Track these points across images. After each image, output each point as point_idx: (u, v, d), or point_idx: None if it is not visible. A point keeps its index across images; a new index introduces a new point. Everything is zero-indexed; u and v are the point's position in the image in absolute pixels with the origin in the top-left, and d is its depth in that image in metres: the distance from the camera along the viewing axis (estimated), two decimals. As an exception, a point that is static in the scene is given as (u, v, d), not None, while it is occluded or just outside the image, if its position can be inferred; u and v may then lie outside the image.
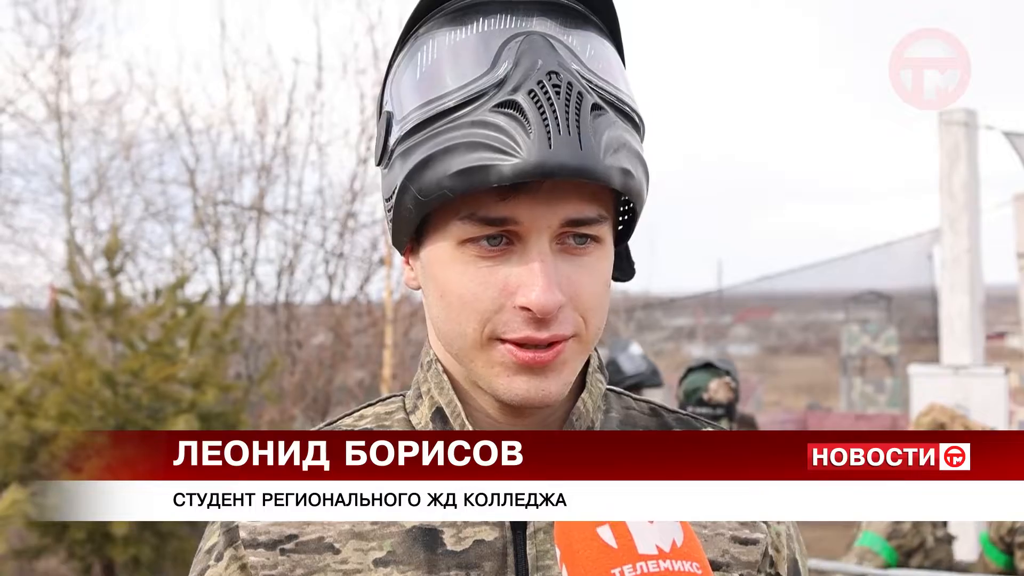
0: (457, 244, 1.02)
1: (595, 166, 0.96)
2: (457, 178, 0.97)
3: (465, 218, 1.00)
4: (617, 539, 0.90)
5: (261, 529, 1.09)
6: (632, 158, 1.01)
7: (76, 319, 7.72)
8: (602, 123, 0.98)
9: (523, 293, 0.99)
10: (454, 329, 1.04)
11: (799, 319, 29.65)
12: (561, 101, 0.96)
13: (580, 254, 1.02)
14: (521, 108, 0.96)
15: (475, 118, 0.97)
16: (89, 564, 7.56)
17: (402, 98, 1.04)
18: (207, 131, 11.70)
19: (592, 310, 1.04)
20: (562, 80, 0.97)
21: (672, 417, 1.22)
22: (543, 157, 0.94)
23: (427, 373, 1.15)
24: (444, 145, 0.97)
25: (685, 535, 0.92)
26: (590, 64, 1.01)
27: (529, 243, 1.00)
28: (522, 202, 0.99)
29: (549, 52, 0.99)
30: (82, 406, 7.05)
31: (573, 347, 1.03)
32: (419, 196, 1.00)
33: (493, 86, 0.97)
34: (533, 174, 0.95)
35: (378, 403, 1.20)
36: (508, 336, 1.01)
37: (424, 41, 1.03)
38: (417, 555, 1.07)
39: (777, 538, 1.18)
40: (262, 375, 8.73)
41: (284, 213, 11.44)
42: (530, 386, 1.02)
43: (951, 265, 11.32)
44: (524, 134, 0.95)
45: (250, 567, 1.09)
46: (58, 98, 12.11)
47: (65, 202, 11.98)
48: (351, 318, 11.14)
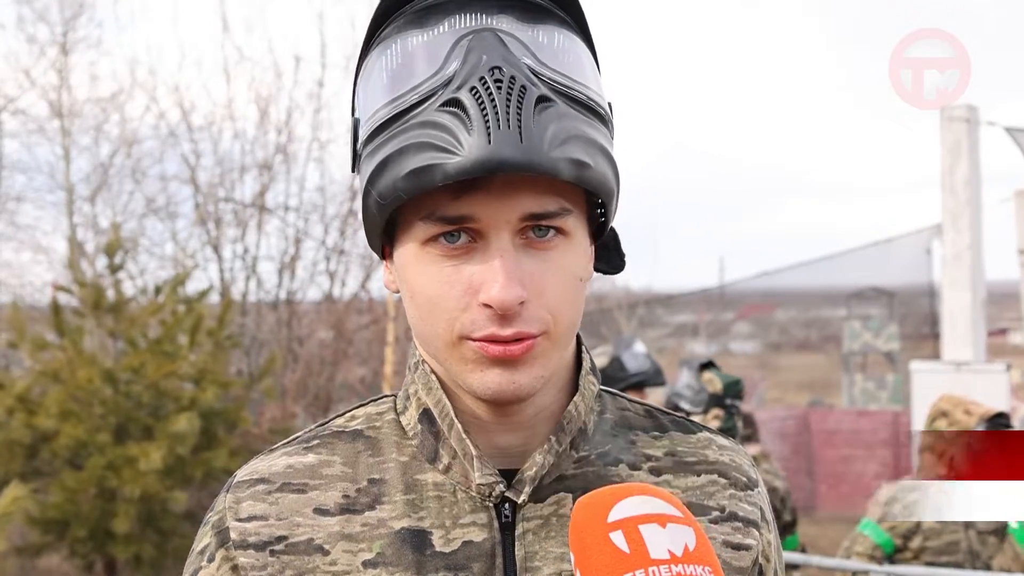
0: (421, 244, 1.02)
1: (538, 159, 0.95)
2: (408, 179, 0.97)
3: (425, 218, 1.00)
4: (630, 544, 0.89)
5: (251, 530, 1.09)
6: (588, 148, 0.99)
7: (77, 316, 7.72)
8: (549, 115, 0.97)
9: (484, 290, 0.99)
10: (427, 329, 1.05)
11: (801, 316, 29.66)
12: (503, 95, 0.95)
13: (544, 248, 1.02)
14: (463, 105, 0.96)
15: (423, 118, 0.97)
16: (91, 561, 7.58)
17: (366, 103, 1.04)
18: (208, 128, 11.71)
19: (559, 306, 1.03)
20: (504, 75, 0.96)
21: (667, 419, 1.22)
22: (483, 153, 0.94)
23: (414, 375, 1.14)
24: (398, 147, 0.98)
25: (698, 539, 0.91)
26: (544, 56, 1.00)
27: (490, 240, 1.00)
28: (477, 199, 0.98)
29: (496, 48, 0.98)
30: (83, 404, 7.06)
31: (543, 344, 1.02)
32: (379, 199, 1.00)
33: (441, 85, 0.97)
34: (474, 171, 0.94)
35: (369, 403, 1.20)
36: (475, 335, 1.01)
37: (387, 45, 1.03)
38: (406, 556, 1.06)
39: (768, 547, 1.18)
40: (262, 370, 8.74)
41: (285, 210, 11.45)
42: (502, 379, 1.02)
43: (953, 261, 11.32)
44: (465, 131, 0.95)
45: (240, 568, 1.08)
46: (60, 96, 12.12)
47: (66, 199, 11.99)
48: (352, 315, 11.15)
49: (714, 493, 1.15)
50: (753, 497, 1.18)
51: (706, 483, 1.16)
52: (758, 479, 1.21)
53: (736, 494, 1.16)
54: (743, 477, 1.18)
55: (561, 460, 1.11)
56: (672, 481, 1.14)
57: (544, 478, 1.09)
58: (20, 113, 12.25)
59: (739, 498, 1.16)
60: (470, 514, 1.08)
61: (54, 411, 6.97)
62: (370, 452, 1.13)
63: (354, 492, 1.10)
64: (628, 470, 1.14)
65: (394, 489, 1.10)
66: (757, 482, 1.20)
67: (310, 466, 1.13)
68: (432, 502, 1.09)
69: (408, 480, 1.10)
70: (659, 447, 1.17)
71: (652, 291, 25.49)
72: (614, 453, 1.14)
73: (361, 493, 1.10)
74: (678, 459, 1.17)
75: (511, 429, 1.10)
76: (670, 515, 0.92)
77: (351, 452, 1.14)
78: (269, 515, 1.10)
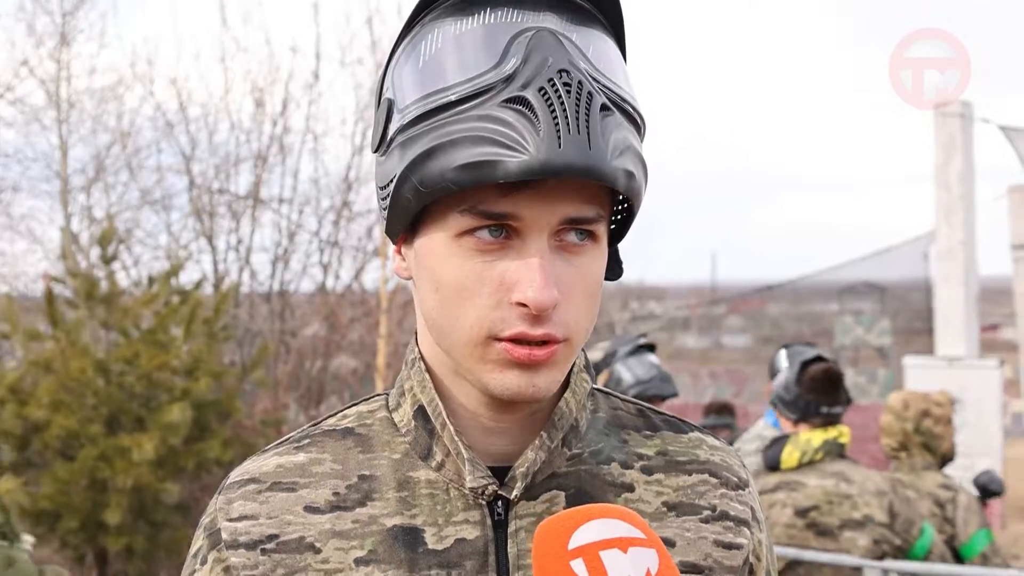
0: (454, 236, 1.01)
1: (603, 167, 0.95)
2: (462, 171, 0.95)
3: (465, 211, 0.99)
4: (590, 572, 0.89)
5: (242, 530, 1.09)
6: (635, 160, 1.00)
7: (70, 307, 7.71)
8: (610, 124, 0.97)
9: (520, 289, 0.98)
10: (450, 323, 1.03)
11: (793, 310, 29.70)
12: (572, 100, 0.95)
13: (576, 252, 1.02)
14: (531, 105, 0.95)
15: (482, 112, 0.96)
16: (82, 553, 7.57)
17: (404, 87, 1.02)
18: (204, 119, 11.68)
19: (583, 312, 1.03)
20: (572, 79, 0.96)
21: (659, 418, 1.22)
22: (551, 156, 0.93)
23: (410, 371, 1.14)
24: (449, 137, 0.96)
25: (661, 563, 0.91)
26: (596, 63, 1.00)
27: (528, 239, 0.99)
28: (524, 198, 0.98)
29: (559, 49, 0.97)
30: (75, 394, 7.05)
31: (564, 349, 1.03)
32: (420, 187, 0.99)
33: (501, 81, 0.96)
34: (540, 172, 0.94)
35: (361, 402, 1.20)
36: (504, 334, 1.00)
37: (429, 30, 1.02)
38: (398, 554, 1.06)
39: (759, 546, 1.18)
40: (254, 361, 8.73)
41: (279, 202, 11.43)
42: (521, 381, 1.01)
43: (946, 256, 11.35)
44: (533, 131, 0.94)
45: (232, 568, 1.08)
46: (57, 86, 12.08)
47: (62, 189, 11.96)
48: (345, 307, 11.14)
49: (705, 492, 1.15)
50: (744, 496, 1.18)
51: (697, 482, 1.16)
52: (748, 479, 1.21)
53: (727, 493, 1.17)
54: (734, 477, 1.19)
55: (553, 457, 1.10)
56: (663, 480, 1.14)
57: (537, 475, 1.09)
58: (18, 102, 12.22)
59: (730, 497, 1.16)
60: (463, 512, 1.08)
61: (46, 401, 6.96)
62: (360, 449, 1.13)
63: (344, 489, 1.10)
64: (620, 469, 1.14)
65: (386, 486, 1.10)
66: (748, 482, 1.20)
67: (300, 465, 1.12)
68: (425, 499, 1.09)
69: (400, 477, 1.10)
70: (651, 446, 1.17)
71: (645, 284, 25.51)
72: (607, 451, 1.14)
73: (351, 490, 1.10)
74: (669, 458, 1.17)
75: (509, 428, 1.10)
76: (632, 538, 0.92)
77: (341, 449, 1.13)
78: (259, 514, 1.09)
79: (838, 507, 3.67)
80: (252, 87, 11.45)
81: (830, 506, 3.67)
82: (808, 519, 3.67)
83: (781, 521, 3.69)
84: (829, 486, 3.69)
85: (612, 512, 0.94)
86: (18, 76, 12.10)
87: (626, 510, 0.95)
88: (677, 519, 1.13)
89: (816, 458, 3.75)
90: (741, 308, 27.51)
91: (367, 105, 11.17)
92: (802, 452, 3.77)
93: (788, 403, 3.95)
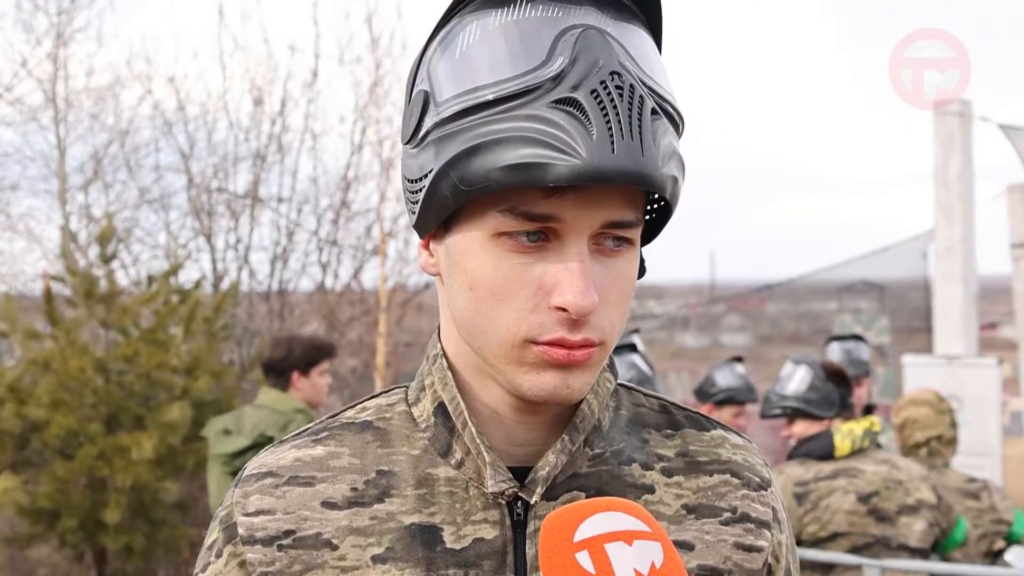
0: (492, 236, 0.99)
1: (654, 174, 0.94)
2: (508, 172, 0.93)
3: (505, 211, 0.97)
4: (595, 564, 0.89)
5: (258, 525, 1.08)
6: (679, 165, 1.00)
7: (69, 306, 7.69)
8: (659, 129, 0.96)
9: (559, 293, 0.97)
10: (484, 323, 1.01)
11: (791, 308, 29.69)
12: (624, 104, 0.93)
13: (613, 256, 1.01)
14: (582, 107, 0.93)
15: (530, 112, 0.94)
16: (81, 552, 7.56)
17: (440, 80, 1.00)
18: (202, 118, 11.67)
19: (617, 315, 1.02)
20: (624, 82, 0.94)
21: (682, 415, 1.21)
22: (604, 161, 0.91)
23: (432, 366, 1.12)
24: (494, 136, 0.94)
25: (665, 556, 0.91)
26: (642, 64, 0.99)
27: (568, 242, 0.98)
28: (567, 201, 0.96)
29: (607, 50, 0.96)
30: (74, 393, 7.03)
31: (599, 353, 1.02)
32: (460, 185, 0.96)
33: (549, 80, 0.94)
34: (592, 177, 0.92)
35: (380, 395, 1.18)
36: (542, 339, 0.99)
37: (468, 23, 1.00)
38: (416, 552, 1.05)
39: (779, 547, 1.17)
40: (254, 360, 8.72)
41: (278, 201, 11.41)
42: (557, 382, 1.00)
43: (945, 255, 11.35)
44: (586, 134, 0.92)
45: (248, 564, 1.07)
46: (54, 85, 12.07)
47: (60, 188, 11.95)
48: (344, 306, 11.13)
49: (726, 494, 1.14)
50: (766, 497, 1.17)
51: (718, 483, 1.15)
52: (771, 479, 1.20)
53: (749, 494, 1.15)
54: (756, 477, 1.17)
55: (575, 458, 1.10)
56: (683, 483, 1.13)
57: (557, 476, 1.08)
58: (16, 102, 12.20)
59: (752, 499, 1.15)
60: (482, 511, 1.07)
61: (45, 400, 6.94)
62: (379, 443, 1.12)
63: (362, 484, 1.09)
64: (641, 470, 1.13)
65: (404, 483, 1.09)
66: (770, 482, 1.19)
67: (318, 458, 1.11)
68: (444, 498, 1.08)
69: (419, 474, 1.09)
70: (671, 447, 1.16)
71: (643, 283, 25.47)
72: (628, 452, 1.13)
73: (369, 485, 1.09)
74: (690, 459, 1.15)
75: (532, 428, 1.09)
76: (637, 531, 0.92)
77: (359, 443, 1.12)
78: (276, 509, 1.08)
79: (894, 492, 3.73)
80: (251, 86, 11.42)
81: (888, 491, 3.73)
82: (870, 504, 3.72)
83: (843, 508, 3.73)
84: (884, 472, 3.75)
85: (617, 505, 0.94)
86: (16, 76, 12.09)
87: (632, 504, 0.95)
88: (697, 522, 1.12)
89: (864, 445, 3.81)
90: (740, 307, 27.49)
91: (366, 104, 11.17)
92: (852, 440, 3.82)
93: (819, 402, 4.01)
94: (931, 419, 4.31)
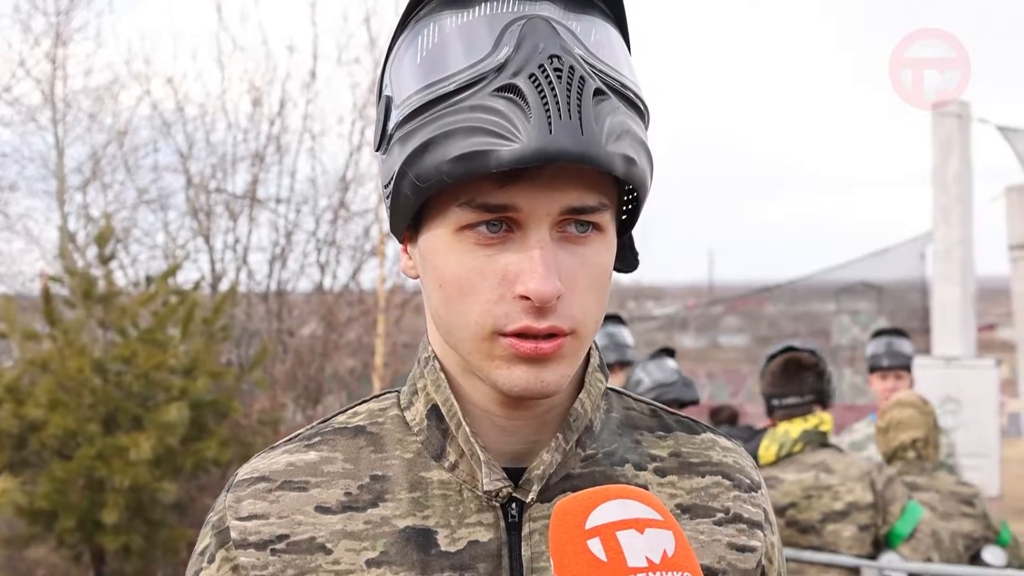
0: (455, 231, 0.99)
1: (597, 152, 0.94)
2: (456, 163, 0.94)
3: (464, 204, 0.98)
4: (607, 552, 0.88)
5: (251, 529, 1.07)
6: (635, 145, 0.99)
7: (67, 306, 7.69)
8: (605, 108, 0.96)
9: (522, 281, 0.97)
10: (454, 320, 1.02)
11: (790, 309, 29.70)
12: (563, 85, 0.93)
13: (580, 243, 1.00)
14: (521, 92, 0.93)
15: (474, 102, 0.94)
16: (79, 552, 7.55)
17: (402, 82, 1.01)
18: (201, 118, 11.67)
19: (589, 303, 1.01)
20: (563, 64, 0.94)
21: (672, 419, 1.21)
22: (543, 142, 0.92)
23: (424, 369, 1.12)
24: (443, 130, 0.95)
25: (677, 544, 0.90)
26: (594, 49, 0.99)
27: (529, 231, 0.98)
28: (522, 188, 0.96)
29: (551, 36, 0.96)
30: (72, 393, 7.03)
31: (571, 343, 1.01)
32: (417, 182, 0.97)
33: (493, 70, 0.95)
34: (533, 159, 0.92)
35: (372, 399, 1.18)
36: (508, 328, 0.98)
37: (425, 24, 1.01)
38: (410, 556, 1.05)
39: (771, 549, 1.17)
40: (253, 361, 8.72)
41: (277, 202, 11.42)
42: (529, 376, 1.00)
43: (943, 256, 11.36)
44: (524, 118, 0.93)
45: (241, 568, 1.07)
46: (53, 85, 12.07)
47: (58, 189, 11.94)
48: (343, 307, 11.13)
49: (718, 495, 1.14)
50: (757, 499, 1.17)
51: (710, 484, 1.15)
52: (760, 481, 1.20)
53: (740, 496, 1.15)
54: (746, 479, 1.17)
55: (568, 459, 1.09)
56: (676, 482, 1.13)
57: (551, 477, 1.08)
58: (15, 102, 12.20)
59: (743, 500, 1.15)
60: (476, 513, 1.07)
61: (43, 401, 6.94)
62: (372, 448, 1.11)
63: (356, 489, 1.09)
64: (634, 470, 1.13)
65: (398, 486, 1.08)
66: (760, 484, 1.19)
67: (311, 463, 1.11)
68: (437, 500, 1.07)
69: (413, 477, 1.09)
70: (664, 447, 1.16)
71: (641, 284, 25.50)
72: (620, 452, 1.13)
73: (363, 490, 1.08)
74: (683, 460, 1.15)
75: (522, 426, 1.08)
76: (649, 519, 0.91)
77: (353, 448, 1.12)
78: (270, 514, 1.08)
79: (818, 500, 3.59)
80: (249, 86, 11.44)
81: (808, 501, 3.59)
82: (787, 517, 3.61)
83: None
84: (808, 480, 3.60)
85: (630, 493, 0.93)
86: (14, 76, 12.09)
87: (644, 492, 0.94)
88: (691, 521, 1.12)
89: (795, 450, 3.68)
90: (738, 308, 27.49)
91: (365, 104, 11.17)
92: (779, 445, 3.70)
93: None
94: (916, 420, 4.25)
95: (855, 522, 3.56)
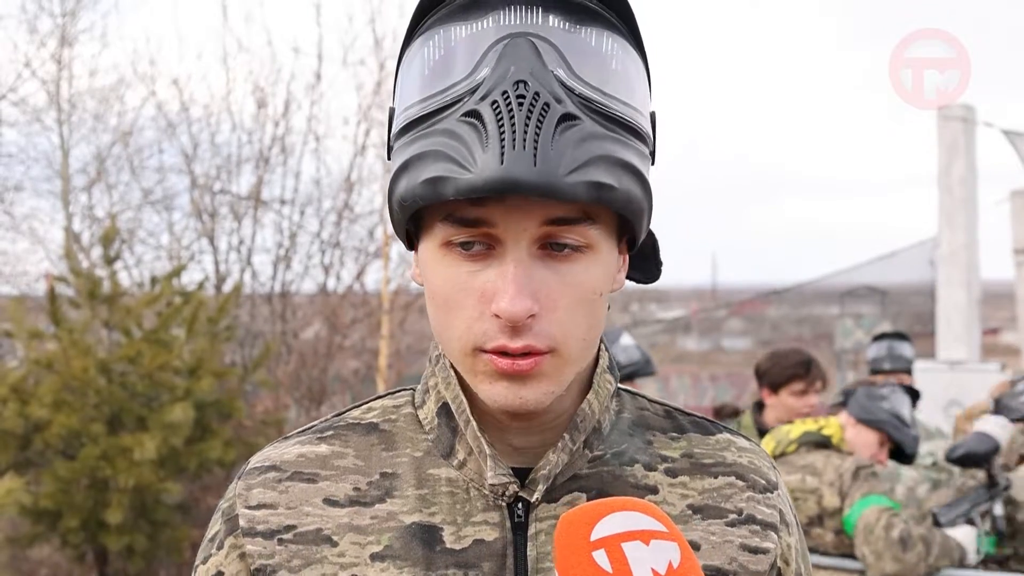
0: (441, 246, 1.00)
1: (552, 182, 0.91)
2: (423, 187, 0.95)
3: (446, 219, 0.98)
4: (612, 563, 0.89)
5: (260, 518, 1.09)
6: (613, 169, 0.95)
7: (72, 307, 7.70)
8: (572, 135, 0.93)
9: (496, 300, 0.97)
10: (443, 332, 1.03)
11: (793, 313, 29.67)
12: (523, 113, 0.91)
13: (563, 261, 0.99)
14: (482, 118, 0.93)
15: (445, 126, 0.94)
16: (83, 552, 7.56)
17: (402, 93, 1.01)
18: (206, 119, 11.68)
19: (570, 323, 1.00)
20: (528, 90, 0.92)
21: (687, 420, 1.21)
22: (493, 174, 0.91)
23: (435, 367, 1.13)
24: (420, 151, 0.95)
25: (682, 556, 0.91)
26: (581, 66, 0.96)
27: (507, 248, 0.97)
28: (497, 207, 0.96)
29: (528, 58, 0.94)
30: (77, 394, 7.04)
31: (552, 361, 1.00)
32: (400, 200, 0.99)
33: (468, 91, 0.94)
34: (483, 190, 0.91)
35: (387, 396, 1.19)
36: (487, 346, 0.99)
37: (430, 36, 1.00)
38: (415, 551, 1.06)
39: (787, 550, 1.16)
40: (256, 362, 8.72)
41: (281, 203, 11.41)
42: (508, 393, 1.00)
43: (948, 260, 11.35)
44: (480, 147, 0.92)
45: (248, 555, 1.08)
46: (58, 86, 12.08)
47: (63, 189, 11.96)
48: (347, 308, 11.12)
49: (731, 496, 1.14)
50: (772, 499, 1.17)
51: (723, 485, 1.14)
52: (778, 481, 1.19)
53: (754, 496, 1.15)
54: (761, 479, 1.17)
55: (575, 459, 1.10)
56: (688, 483, 1.13)
57: (558, 478, 1.08)
58: (20, 103, 12.21)
59: (757, 500, 1.15)
60: (482, 512, 1.08)
61: (47, 401, 6.94)
62: (384, 446, 1.12)
63: (365, 485, 1.10)
64: (643, 471, 1.13)
65: (406, 483, 1.09)
66: (777, 484, 1.19)
67: (322, 456, 1.12)
68: (444, 498, 1.08)
69: (421, 475, 1.09)
70: (676, 448, 1.16)
71: (645, 287, 25.45)
72: (630, 453, 1.13)
73: (372, 487, 1.09)
74: (695, 460, 1.15)
75: (528, 431, 1.09)
76: (654, 531, 0.92)
77: (365, 445, 1.13)
78: (278, 503, 1.09)
79: (803, 503, 3.57)
80: (254, 87, 11.43)
81: (795, 503, 3.55)
82: None
83: None
84: (794, 482, 3.58)
85: (634, 505, 0.94)
86: (20, 77, 12.10)
87: (648, 504, 0.95)
88: (702, 522, 1.12)
89: (789, 451, 3.67)
90: (742, 311, 27.48)
91: (369, 106, 11.17)
92: (777, 443, 3.69)
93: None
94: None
95: (831, 528, 3.54)
